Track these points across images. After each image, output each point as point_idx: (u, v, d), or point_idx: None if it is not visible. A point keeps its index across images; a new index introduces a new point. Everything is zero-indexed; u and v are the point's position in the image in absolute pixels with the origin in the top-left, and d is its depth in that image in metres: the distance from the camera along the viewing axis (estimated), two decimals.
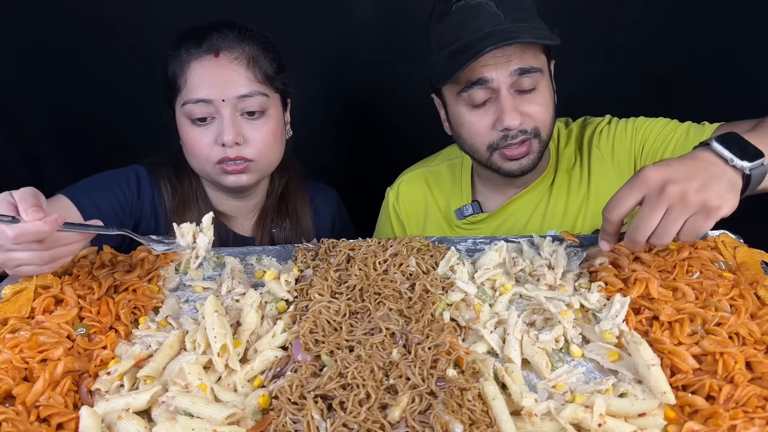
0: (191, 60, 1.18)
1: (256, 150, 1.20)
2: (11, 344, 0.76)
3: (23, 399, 0.69)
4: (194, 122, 1.18)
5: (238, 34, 1.20)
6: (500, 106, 1.15)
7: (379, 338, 0.78)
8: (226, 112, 1.16)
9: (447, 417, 0.64)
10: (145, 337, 0.83)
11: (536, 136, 1.18)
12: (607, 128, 1.31)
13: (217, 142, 1.18)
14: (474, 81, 1.14)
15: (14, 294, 0.89)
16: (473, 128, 1.20)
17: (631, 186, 0.82)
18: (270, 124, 1.22)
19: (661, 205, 0.79)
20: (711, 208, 0.79)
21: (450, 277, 0.94)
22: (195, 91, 1.17)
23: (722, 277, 0.87)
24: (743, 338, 0.76)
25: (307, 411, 0.66)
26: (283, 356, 0.78)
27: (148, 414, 0.71)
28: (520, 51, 1.13)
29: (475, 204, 1.36)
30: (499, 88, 1.14)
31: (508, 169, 1.21)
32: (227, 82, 1.17)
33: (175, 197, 1.30)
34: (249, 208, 1.37)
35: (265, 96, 1.20)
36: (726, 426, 0.63)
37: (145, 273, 0.97)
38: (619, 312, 0.82)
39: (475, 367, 0.74)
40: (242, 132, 1.18)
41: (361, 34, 1.78)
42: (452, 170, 1.42)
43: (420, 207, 1.44)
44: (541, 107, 1.17)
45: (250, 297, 0.89)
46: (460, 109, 1.20)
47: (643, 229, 0.80)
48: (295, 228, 1.39)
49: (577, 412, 0.67)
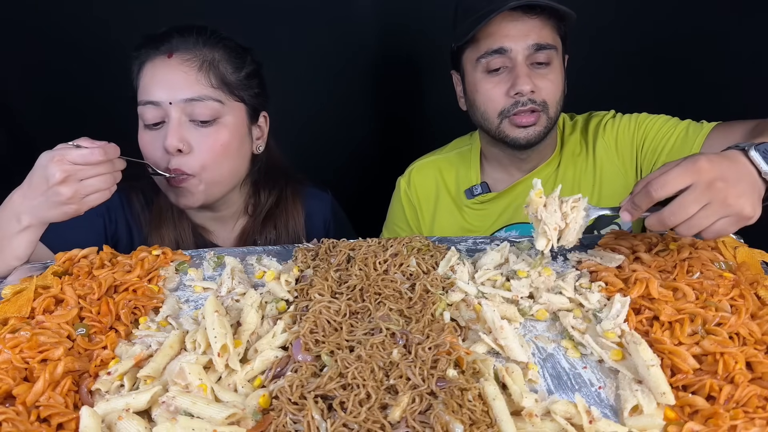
0: (146, 61, 1.13)
1: (199, 162, 1.12)
2: (11, 344, 0.76)
3: (23, 399, 0.69)
4: (146, 126, 1.13)
5: (200, 37, 1.15)
6: (515, 74, 1.22)
7: (380, 338, 0.78)
8: (174, 116, 1.11)
9: (447, 417, 0.64)
10: (146, 337, 0.83)
11: (544, 109, 1.25)
12: (611, 121, 1.37)
13: (165, 150, 1.12)
14: (494, 49, 1.23)
15: (14, 294, 0.89)
16: (487, 94, 1.26)
17: (684, 171, 0.81)
18: (221, 133, 1.14)
19: (704, 198, 0.80)
20: (743, 217, 0.81)
21: (450, 277, 0.94)
22: (145, 92, 1.12)
23: (722, 277, 0.87)
24: (744, 338, 0.76)
25: (308, 411, 0.66)
26: (284, 356, 0.78)
27: (148, 414, 0.71)
28: (539, 28, 1.22)
29: (483, 185, 1.41)
30: (516, 57, 1.22)
31: (515, 137, 1.27)
32: (176, 84, 1.11)
33: (150, 209, 1.25)
34: (226, 219, 1.31)
35: (218, 102, 1.13)
36: (726, 426, 0.63)
37: (145, 273, 0.97)
38: (619, 312, 0.82)
39: (476, 368, 0.74)
40: (188, 139, 1.11)
41: (365, 32, 1.78)
42: (461, 156, 1.47)
43: (431, 192, 1.48)
44: (551, 84, 1.25)
45: (250, 297, 0.89)
46: (477, 76, 1.27)
47: (681, 214, 0.80)
48: (281, 237, 1.32)
49: (569, 408, 0.68)
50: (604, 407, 0.71)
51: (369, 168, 1.95)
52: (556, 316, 0.87)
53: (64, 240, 1.09)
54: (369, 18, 1.76)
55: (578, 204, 0.90)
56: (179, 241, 1.25)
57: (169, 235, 1.24)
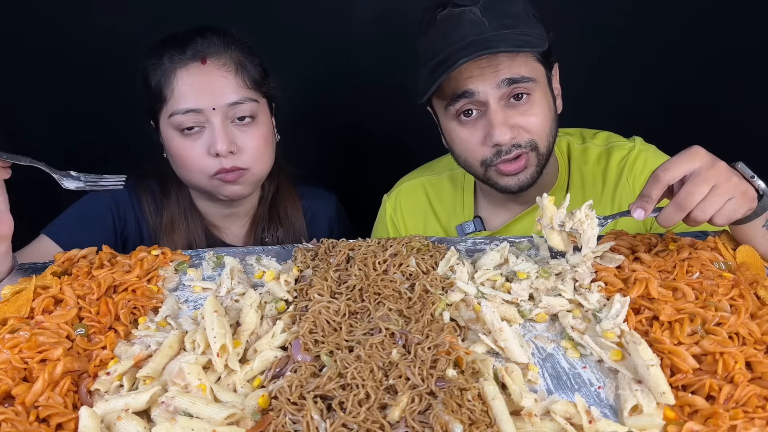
0: (176, 68, 1.13)
1: (250, 158, 1.18)
2: (10, 344, 0.76)
3: (22, 399, 0.69)
4: (183, 133, 1.14)
5: (222, 39, 1.16)
6: (489, 121, 1.08)
7: (379, 338, 0.77)
8: (217, 120, 1.13)
9: (447, 417, 0.64)
10: (145, 338, 0.83)
11: (533, 149, 1.11)
12: (642, 161, 1.21)
13: (209, 153, 1.14)
14: (459, 94, 1.08)
15: (13, 294, 0.89)
16: (464, 144, 1.14)
17: (686, 155, 0.84)
18: (261, 130, 1.19)
19: (711, 178, 0.82)
20: (749, 196, 0.85)
21: (450, 277, 0.93)
22: (183, 100, 1.12)
23: (722, 277, 0.87)
24: (743, 338, 0.76)
25: (307, 411, 0.66)
26: (283, 356, 0.78)
27: (147, 414, 0.71)
28: (509, 60, 1.06)
29: (477, 220, 1.30)
30: (487, 100, 1.08)
31: (505, 185, 1.15)
32: (217, 90, 1.13)
33: (160, 214, 1.26)
34: (240, 215, 1.35)
35: (255, 102, 1.17)
36: (726, 426, 0.63)
37: (145, 273, 0.97)
38: (619, 312, 0.82)
39: (475, 367, 0.74)
40: (234, 140, 1.15)
41: (361, 38, 1.78)
42: (454, 182, 1.36)
43: (419, 220, 1.38)
44: (536, 118, 1.10)
45: (249, 297, 0.89)
46: (449, 124, 1.15)
47: (695, 194, 0.82)
48: (288, 234, 1.35)
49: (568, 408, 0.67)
50: (603, 407, 0.71)
51: (369, 170, 1.95)
52: (556, 316, 0.87)
53: (74, 238, 1.13)
54: (368, 21, 1.76)
55: (590, 213, 0.90)
56: (192, 243, 1.28)
57: (182, 239, 1.27)
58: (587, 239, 0.89)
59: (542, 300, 0.88)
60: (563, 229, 0.89)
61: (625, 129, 1.33)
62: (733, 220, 0.85)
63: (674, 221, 0.85)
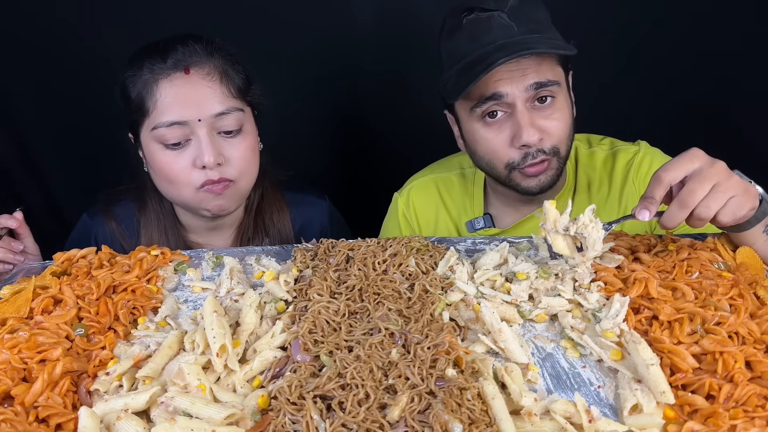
0: (158, 78, 1.08)
1: (237, 169, 1.14)
2: (10, 345, 0.76)
3: (22, 399, 0.69)
4: (167, 146, 1.10)
5: (205, 47, 1.12)
6: (516, 122, 1.10)
7: (378, 338, 0.77)
8: (203, 132, 1.08)
9: (446, 416, 0.64)
10: (144, 338, 0.83)
11: (555, 154, 1.14)
12: (647, 163, 1.23)
13: (195, 165, 1.10)
14: (488, 96, 1.10)
15: (13, 294, 0.89)
16: (489, 145, 1.15)
17: (686, 156, 0.85)
18: (248, 140, 1.16)
19: (712, 176, 0.83)
20: (752, 193, 0.86)
21: (449, 277, 0.93)
22: (167, 112, 1.07)
23: (721, 276, 0.87)
24: (743, 337, 0.76)
25: (306, 411, 0.66)
26: (282, 356, 0.78)
27: (147, 414, 0.71)
28: (536, 64, 1.08)
29: (486, 217, 1.31)
30: (515, 103, 1.09)
31: (527, 186, 1.16)
32: (202, 101, 1.08)
33: (137, 235, 1.24)
34: (226, 225, 1.31)
35: (241, 111, 1.13)
36: (726, 425, 0.63)
37: (144, 273, 0.97)
38: (619, 312, 0.82)
39: (475, 367, 0.74)
40: (221, 151, 1.11)
41: (361, 39, 1.78)
42: (464, 181, 1.37)
43: (431, 215, 1.39)
44: (559, 123, 1.12)
45: (249, 297, 0.89)
46: (474, 126, 1.16)
47: (698, 191, 0.82)
48: (274, 243, 1.31)
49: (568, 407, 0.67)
50: (603, 406, 0.71)
51: (368, 172, 1.95)
52: (555, 316, 0.87)
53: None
54: (369, 23, 1.76)
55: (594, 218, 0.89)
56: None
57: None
58: (592, 242, 0.88)
59: (542, 300, 0.88)
60: (567, 233, 0.89)
61: (625, 132, 1.34)
62: (738, 216, 0.85)
63: (678, 220, 0.85)
